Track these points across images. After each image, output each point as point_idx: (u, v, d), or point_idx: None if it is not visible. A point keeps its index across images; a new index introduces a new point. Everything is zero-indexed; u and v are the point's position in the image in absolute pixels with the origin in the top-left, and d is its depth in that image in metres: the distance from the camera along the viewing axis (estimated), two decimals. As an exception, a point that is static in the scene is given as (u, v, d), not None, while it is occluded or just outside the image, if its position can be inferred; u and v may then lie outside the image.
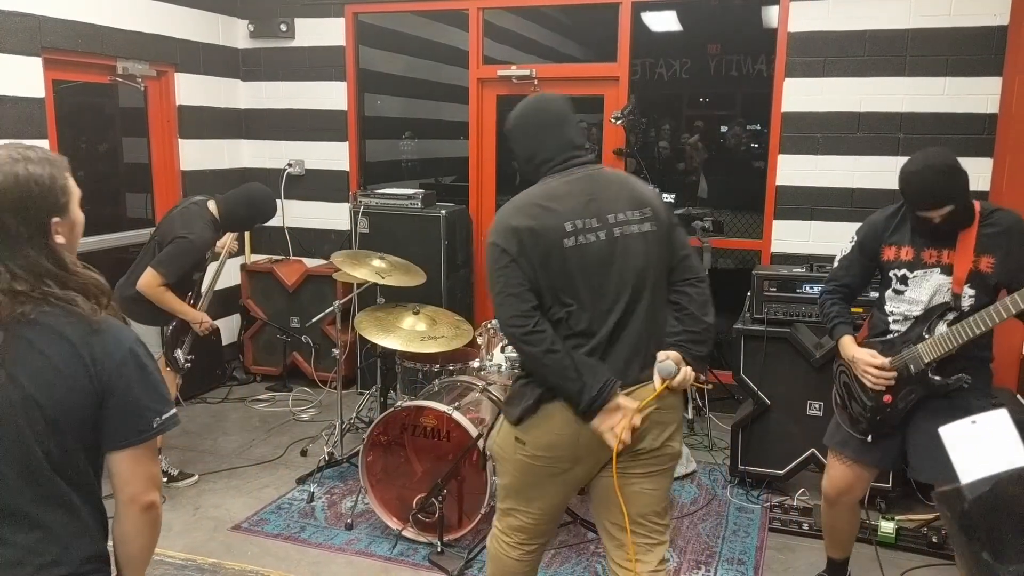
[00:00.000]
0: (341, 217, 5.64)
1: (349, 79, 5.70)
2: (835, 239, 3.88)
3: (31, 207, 1.44)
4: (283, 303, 5.59)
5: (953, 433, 0.95)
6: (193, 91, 5.47)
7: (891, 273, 2.70)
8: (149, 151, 5.37)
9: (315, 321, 4.94)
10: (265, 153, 5.94)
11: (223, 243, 4.12)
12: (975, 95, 4.41)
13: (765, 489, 3.99)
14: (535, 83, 5.37)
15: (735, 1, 5.39)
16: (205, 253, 3.96)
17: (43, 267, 1.45)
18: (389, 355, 4.25)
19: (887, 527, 3.45)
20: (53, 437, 1.43)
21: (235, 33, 5.84)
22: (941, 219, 2.52)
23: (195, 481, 4.12)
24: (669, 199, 5.52)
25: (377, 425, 3.51)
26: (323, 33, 5.69)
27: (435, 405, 3.42)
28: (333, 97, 5.73)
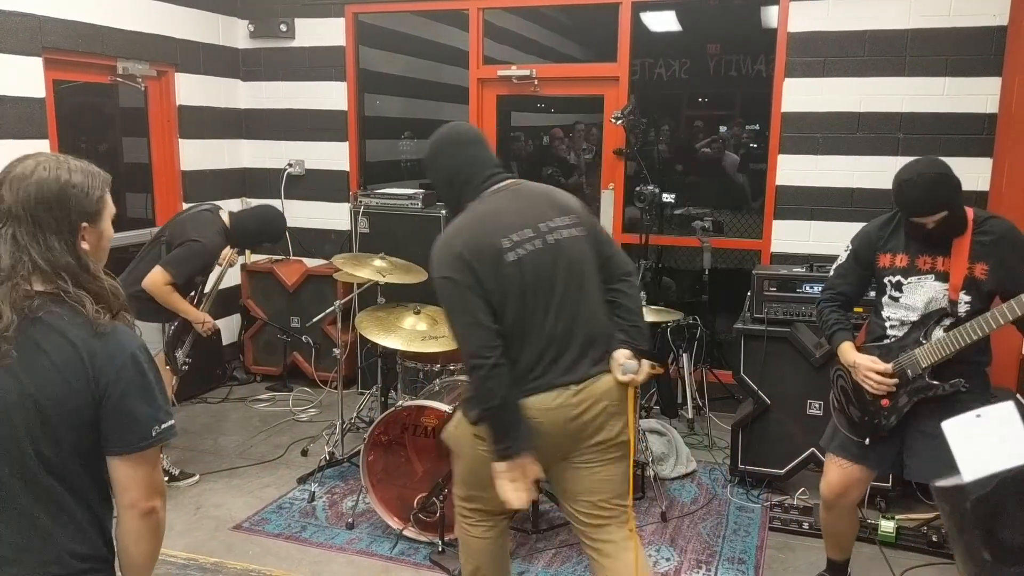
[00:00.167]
0: (341, 217, 5.64)
1: (349, 79, 5.70)
2: (835, 239, 3.90)
3: (65, 207, 1.51)
4: (283, 303, 5.59)
5: (956, 427, 0.94)
6: (193, 91, 5.47)
7: (886, 280, 2.73)
8: (149, 151, 5.37)
9: (316, 321, 4.95)
10: (265, 153, 5.95)
11: (224, 255, 4.16)
12: (975, 95, 4.42)
13: (765, 488, 4.00)
14: (535, 83, 5.38)
15: (735, 1, 5.39)
16: (214, 259, 4.03)
17: (63, 262, 1.49)
18: (390, 355, 4.25)
19: (887, 526, 3.46)
20: (48, 437, 1.44)
21: (235, 33, 5.84)
22: (935, 225, 2.55)
23: (196, 481, 4.12)
24: (669, 199, 5.52)
25: (378, 425, 3.52)
26: (323, 33, 5.69)
27: (436, 405, 3.43)
28: (333, 97, 5.74)
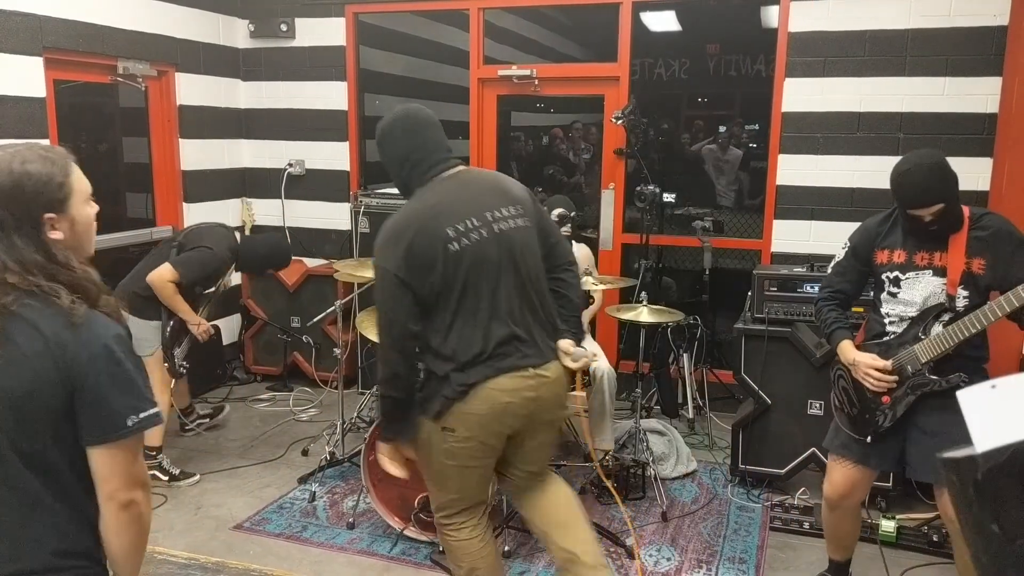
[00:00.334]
0: (342, 217, 5.64)
1: (349, 79, 5.70)
2: (835, 239, 3.88)
3: (22, 202, 1.49)
4: (284, 303, 5.59)
5: (971, 397, 0.92)
6: (193, 91, 5.47)
7: (884, 276, 2.73)
8: (149, 151, 5.37)
9: (316, 321, 4.95)
10: (265, 153, 5.95)
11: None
12: (975, 95, 4.42)
13: (766, 488, 4.00)
14: (535, 83, 5.38)
15: (734, 1, 5.39)
16: (219, 274, 4.13)
17: (32, 259, 1.48)
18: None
19: (888, 526, 3.46)
20: (24, 431, 1.44)
21: (235, 33, 5.84)
22: (932, 218, 2.56)
23: (197, 481, 4.12)
24: (669, 199, 5.53)
25: (378, 424, 3.51)
26: (323, 33, 5.69)
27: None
28: (333, 97, 5.73)
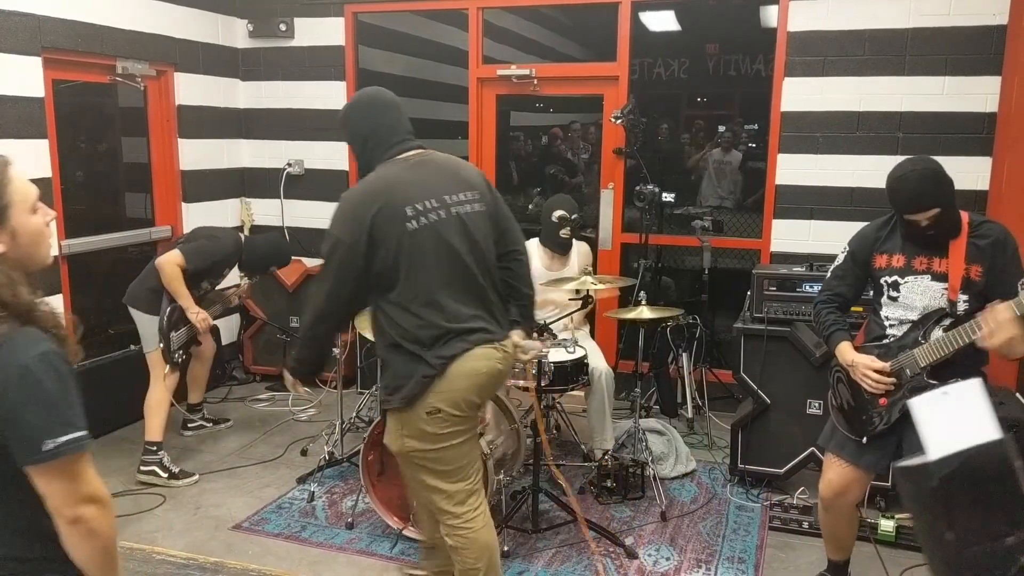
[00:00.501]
0: (341, 217, 5.63)
1: (349, 79, 5.70)
2: (835, 238, 3.89)
3: None
4: (283, 303, 5.59)
5: (923, 405, 0.93)
6: (192, 91, 5.47)
7: (883, 280, 2.75)
8: (149, 151, 5.36)
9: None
10: (265, 153, 5.94)
11: (241, 289, 4.59)
12: (974, 94, 4.42)
13: (765, 488, 4.00)
14: (535, 83, 5.37)
15: (734, 1, 5.39)
16: (222, 266, 4.27)
17: None
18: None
19: (887, 525, 3.46)
20: None
21: (234, 33, 5.84)
22: (928, 223, 2.57)
23: (195, 480, 4.12)
24: (669, 198, 5.52)
25: (377, 424, 3.51)
26: (322, 33, 5.69)
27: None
28: (333, 97, 5.73)
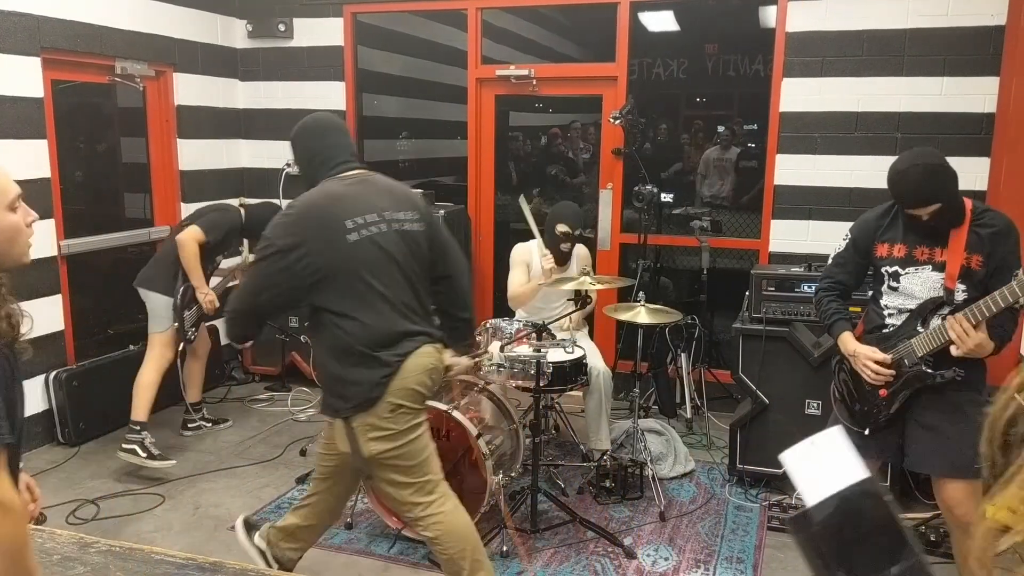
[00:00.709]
0: (340, 217, 5.63)
1: (348, 79, 5.70)
2: (833, 238, 3.87)
3: None
4: (282, 303, 5.58)
5: (793, 457, 0.97)
6: (191, 91, 5.47)
7: (883, 270, 2.74)
8: (148, 151, 5.36)
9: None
10: (263, 153, 5.94)
11: (245, 263, 4.76)
12: (972, 95, 4.43)
13: (764, 488, 4.00)
14: (533, 83, 5.38)
15: (732, 1, 5.39)
16: (234, 233, 4.48)
17: None
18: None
19: (885, 525, 3.45)
20: None
21: (233, 33, 5.84)
22: (930, 217, 2.57)
23: (172, 464, 4.17)
24: (668, 199, 5.53)
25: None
26: (321, 33, 5.69)
27: (434, 404, 3.42)
28: (332, 97, 5.73)
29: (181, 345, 4.40)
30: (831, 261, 2.93)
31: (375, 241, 2.51)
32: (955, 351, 2.49)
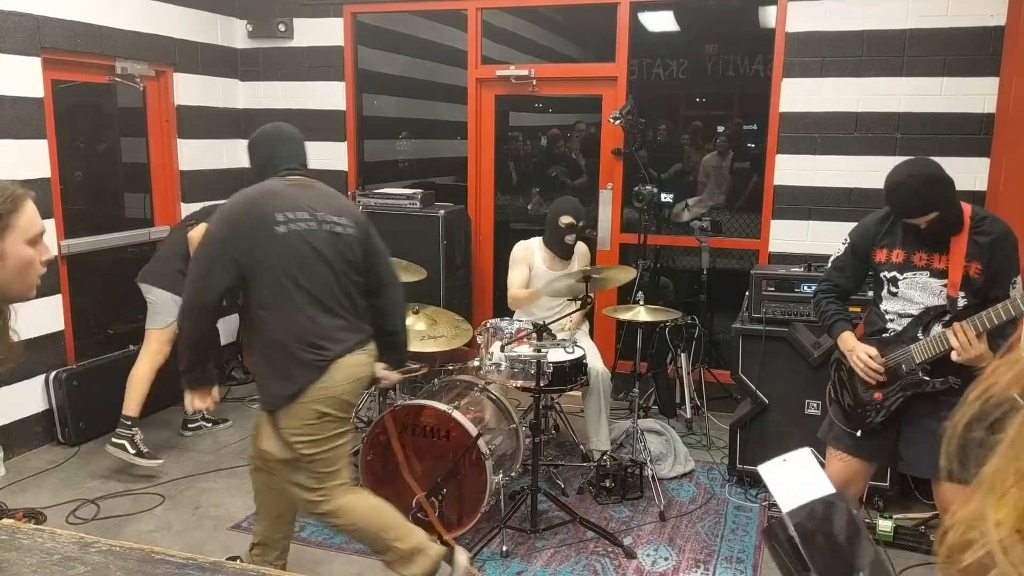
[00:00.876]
0: (340, 217, 5.63)
1: (348, 79, 5.70)
2: (833, 239, 3.89)
3: None
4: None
5: (769, 470, 1.08)
6: (191, 91, 5.47)
7: (882, 275, 2.76)
8: (148, 151, 5.37)
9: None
10: (264, 153, 5.93)
11: None
12: (972, 95, 4.43)
13: (763, 488, 4.00)
14: (533, 83, 5.38)
15: (732, 2, 5.39)
16: None
17: None
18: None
19: (885, 525, 3.46)
20: None
21: (233, 33, 5.84)
22: (927, 225, 2.58)
23: (159, 464, 4.17)
24: (667, 198, 5.52)
25: (376, 424, 3.52)
26: (322, 33, 5.69)
27: (434, 404, 3.43)
28: (332, 97, 5.73)
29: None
30: (830, 265, 2.94)
31: (303, 236, 2.56)
32: (955, 357, 2.49)
